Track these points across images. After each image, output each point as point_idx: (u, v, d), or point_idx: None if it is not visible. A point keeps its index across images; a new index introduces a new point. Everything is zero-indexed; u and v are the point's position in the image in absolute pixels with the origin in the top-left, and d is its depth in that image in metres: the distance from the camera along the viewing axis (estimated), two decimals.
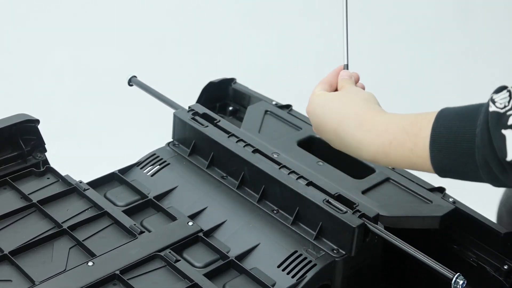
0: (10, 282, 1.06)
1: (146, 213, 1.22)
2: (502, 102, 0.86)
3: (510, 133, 0.84)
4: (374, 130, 0.99)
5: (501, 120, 0.85)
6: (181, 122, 1.35)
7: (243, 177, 1.26)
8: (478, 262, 1.22)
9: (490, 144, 0.85)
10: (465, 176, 0.91)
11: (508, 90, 0.86)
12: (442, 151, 0.91)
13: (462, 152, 0.89)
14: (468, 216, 1.24)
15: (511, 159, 0.84)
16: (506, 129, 0.84)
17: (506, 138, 0.84)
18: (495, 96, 0.87)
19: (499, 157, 0.85)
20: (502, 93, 0.86)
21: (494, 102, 0.86)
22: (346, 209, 1.15)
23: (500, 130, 0.84)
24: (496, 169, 0.86)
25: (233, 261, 1.13)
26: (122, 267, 1.08)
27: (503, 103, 0.85)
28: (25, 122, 1.34)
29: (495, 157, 0.85)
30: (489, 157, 0.86)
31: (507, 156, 0.84)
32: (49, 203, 1.22)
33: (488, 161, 0.86)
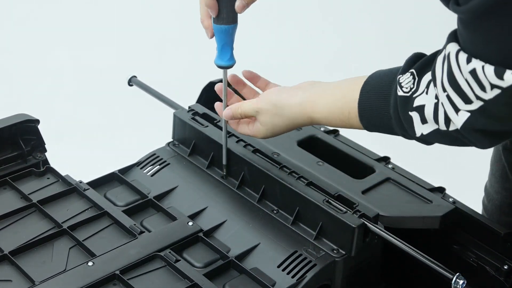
0: (10, 282, 1.06)
1: (146, 213, 1.22)
2: (407, 86, 0.97)
3: (416, 114, 0.96)
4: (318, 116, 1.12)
5: (408, 104, 0.96)
6: (181, 122, 1.35)
7: (243, 177, 1.26)
8: (478, 262, 1.22)
9: (402, 125, 0.99)
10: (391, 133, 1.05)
11: (411, 73, 0.97)
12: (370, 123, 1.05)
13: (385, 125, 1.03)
14: (468, 216, 1.24)
15: (419, 135, 0.97)
16: (412, 111, 0.96)
17: (413, 118, 0.97)
18: (401, 78, 0.98)
19: (410, 134, 0.99)
20: (406, 75, 0.98)
21: (401, 87, 0.98)
22: (346, 209, 1.15)
23: (408, 112, 0.97)
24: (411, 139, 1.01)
25: (233, 261, 1.12)
26: (122, 267, 1.08)
27: (408, 87, 0.97)
28: (25, 122, 1.34)
29: (407, 134, 1.00)
30: (402, 133, 1.01)
31: (416, 133, 0.98)
32: (49, 203, 1.22)
33: (404, 135, 1.01)
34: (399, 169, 1.33)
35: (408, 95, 0.96)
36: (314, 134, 1.41)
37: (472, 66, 0.85)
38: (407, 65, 0.99)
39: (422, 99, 0.95)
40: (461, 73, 0.87)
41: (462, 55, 0.86)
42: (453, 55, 0.88)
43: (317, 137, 1.41)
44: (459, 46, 0.88)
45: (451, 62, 0.88)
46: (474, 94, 0.87)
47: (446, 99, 0.90)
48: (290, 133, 1.41)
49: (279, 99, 1.15)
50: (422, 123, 0.96)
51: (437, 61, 0.92)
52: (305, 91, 1.14)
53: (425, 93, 0.95)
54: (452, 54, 0.88)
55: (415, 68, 0.97)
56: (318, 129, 1.43)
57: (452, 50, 0.88)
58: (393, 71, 1.02)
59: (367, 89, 1.05)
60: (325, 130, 1.42)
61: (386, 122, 1.02)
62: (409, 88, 0.97)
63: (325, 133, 1.41)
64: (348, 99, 1.07)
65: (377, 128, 1.05)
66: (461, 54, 0.86)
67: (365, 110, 1.04)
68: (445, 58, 0.90)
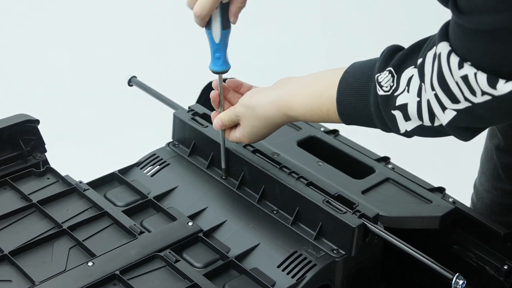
0: (10, 282, 1.06)
1: (146, 213, 1.22)
2: (387, 85, 0.97)
3: (399, 112, 0.96)
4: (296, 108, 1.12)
5: (390, 102, 0.96)
6: (181, 122, 1.35)
7: (243, 177, 1.26)
8: (478, 262, 1.22)
9: (384, 122, 1.00)
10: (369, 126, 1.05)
11: (389, 71, 0.97)
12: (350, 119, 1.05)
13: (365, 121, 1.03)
14: (468, 216, 1.24)
15: (403, 131, 0.98)
16: (395, 110, 0.96)
17: (396, 116, 0.97)
18: (380, 77, 0.98)
19: (393, 131, 1.00)
20: (384, 74, 0.97)
21: (381, 86, 0.97)
22: (346, 209, 1.15)
23: (390, 111, 0.97)
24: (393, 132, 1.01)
25: (233, 261, 1.12)
26: (122, 267, 1.08)
27: (388, 86, 0.96)
28: (25, 122, 1.34)
29: (391, 130, 1.00)
30: (385, 130, 1.01)
31: (400, 130, 0.98)
32: (49, 203, 1.22)
33: (385, 131, 1.02)
34: (399, 169, 1.33)
35: (389, 94, 0.96)
36: (314, 134, 1.41)
37: (464, 72, 0.84)
38: (384, 62, 0.99)
39: (404, 97, 0.95)
40: (452, 76, 0.86)
41: (453, 58, 0.85)
42: (444, 57, 0.87)
43: (317, 137, 1.41)
44: (450, 46, 0.86)
45: (442, 64, 0.87)
46: (463, 96, 0.86)
47: (434, 98, 0.90)
48: (290, 133, 1.41)
49: (252, 101, 1.16)
50: (405, 121, 0.96)
51: (427, 58, 0.91)
52: (279, 89, 1.14)
53: (406, 91, 0.95)
54: (443, 56, 0.87)
55: (393, 65, 0.97)
56: (318, 129, 1.43)
57: (443, 51, 0.87)
58: (369, 65, 1.02)
59: (343, 87, 1.04)
60: (325, 130, 1.42)
61: (366, 118, 1.02)
62: (389, 87, 0.97)
63: (325, 133, 1.41)
64: (326, 97, 1.07)
65: (357, 123, 1.05)
66: (453, 57, 0.85)
67: (344, 107, 1.04)
68: (435, 57, 0.89)
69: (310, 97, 1.09)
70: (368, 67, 1.02)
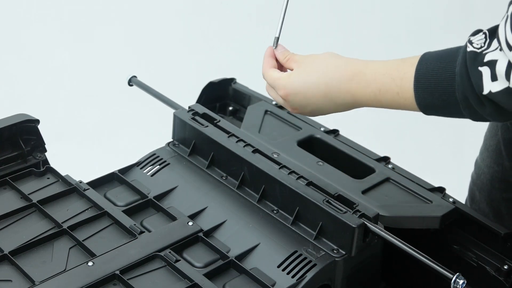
0: (10, 282, 1.06)
1: (146, 213, 1.22)
2: (478, 43, 0.94)
3: (486, 69, 0.92)
4: (364, 82, 1.06)
5: (478, 58, 0.93)
6: (181, 122, 1.35)
7: (243, 177, 1.26)
8: (478, 262, 1.22)
9: (469, 80, 0.94)
10: (447, 112, 1.00)
11: (484, 33, 0.94)
12: (425, 90, 0.99)
13: (443, 90, 0.97)
14: (468, 216, 1.24)
15: (487, 92, 0.92)
16: (482, 66, 0.92)
17: (482, 74, 0.92)
18: (472, 38, 0.95)
19: (476, 91, 0.93)
20: (478, 35, 0.94)
21: (471, 43, 0.94)
22: (346, 209, 1.15)
23: (477, 67, 0.93)
24: (474, 102, 0.95)
25: (233, 261, 1.12)
26: (122, 267, 1.08)
27: (479, 44, 0.93)
28: (25, 122, 1.34)
29: (473, 92, 0.94)
30: (467, 92, 0.95)
31: (484, 90, 0.93)
32: (49, 203, 1.22)
33: (467, 96, 0.95)
34: (399, 169, 1.33)
35: (479, 51, 0.93)
36: (314, 134, 1.41)
37: None
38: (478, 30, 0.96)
39: (495, 54, 0.92)
40: None
41: None
42: None
43: (317, 137, 1.41)
44: None
45: None
46: None
47: None
48: (290, 133, 1.41)
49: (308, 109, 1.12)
50: (492, 80, 0.92)
51: (499, 27, 0.91)
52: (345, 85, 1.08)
53: (498, 50, 0.92)
54: None
55: (488, 30, 0.95)
56: (318, 129, 1.43)
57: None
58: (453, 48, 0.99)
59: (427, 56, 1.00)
60: (325, 130, 1.42)
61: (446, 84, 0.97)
62: (479, 45, 0.93)
63: (325, 133, 1.42)
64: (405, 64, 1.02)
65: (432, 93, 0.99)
66: None
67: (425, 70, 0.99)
68: (507, 18, 0.89)
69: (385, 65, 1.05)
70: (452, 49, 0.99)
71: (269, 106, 1.49)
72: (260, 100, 1.52)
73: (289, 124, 1.44)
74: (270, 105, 1.49)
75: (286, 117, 1.45)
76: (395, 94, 1.03)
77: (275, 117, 1.46)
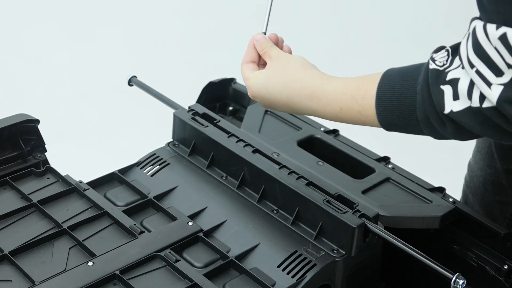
0: (10, 282, 1.06)
1: (146, 213, 1.22)
2: (441, 61, 0.93)
3: (448, 88, 0.91)
4: (324, 100, 1.07)
5: (440, 77, 0.92)
6: (181, 122, 1.35)
7: (243, 177, 1.26)
8: (478, 262, 1.22)
9: (430, 99, 0.93)
10: (409, 130, 1.00)
11: (446, 50, 0.94)
12: (387, 108, 0.99)
13: (405, 108, 0.97)
14: (468, 216, 1.24)
15: (449, 111, 0.91)
16: (444, 85, 0.92)
17: (444, 92, 0.92)
18: (435, 55, 0.94)
19: (437, 110, 0.93)
20: (441, 52, 0.94)
21: (434, 61, 0.94)
22: (346, 209, 1.15)
23: (439, 86, 0.92)
24: (436, 122, 0.94)
25: (233, 261, 1.12)
26: (122, 267, 1.08)
27: (442, 61, 0.93)
28: (25, 122, 1.34)
29: (434, 111, 0.93)
30: (428, 111, 0.94)
31: (445, 109, 0.92)
32: (49, 203, 1.22)
33: (428, 115, 0.94)
34: (399, 169, 1.33)
35: (441, 69, 0.93)
36: (314, 134, 1.41)
37: (502, 31, 0.84)
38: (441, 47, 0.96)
39: (457, 72, 0.91)
40: (489, 42, 0.86)
41: (490, 26, 0.85)
42: (480, 28, 0.87)
43: (317, 137, 1.41)
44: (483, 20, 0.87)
45: (478, 34, 0.87)
46: (504, 62, 0.85)
47: (476, 75, 0.88)
48: (290, 133, 1.41)
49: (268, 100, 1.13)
50: (453, 99, 0.91)
51: (461, 45, 0.91)
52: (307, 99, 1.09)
53: (460, 68, 0.91)
54: (478, 27, 0.87)
55: (450, 46, 0.95)
56: (318, 129, 1.43)
57: (478, 25, 0.87)
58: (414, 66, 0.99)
59: (389, 72, 1.01)
60: (325, 130, 1.42)
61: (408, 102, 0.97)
62: (442, 63, 0.93)
63: (325, 133, 1.42)
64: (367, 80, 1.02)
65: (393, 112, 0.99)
66: (489, 25, 0.85)
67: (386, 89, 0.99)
68: (469, 35, 0.89)
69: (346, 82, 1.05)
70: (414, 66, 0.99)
71: None
72: None
73: (289, 124, 1.44)
74: None
75: (286, 117, 1.45)
76: (356, 112, 1.03)
77: (275, 117, 1.46)
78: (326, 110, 1.07)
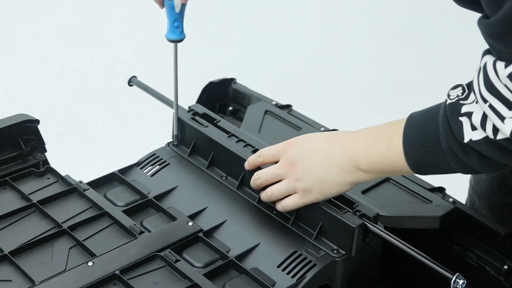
0: (10, 282, 1.06)
1: (146, 213, 1.22)
2: (455, 95, 0.99)
3: (465, 119, 0.97)
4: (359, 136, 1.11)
5: (457, 108, 0.98)
6: (181, 122, 1.35)
7: (243, 177, 1.26)
8: (478, 262, 1.22)
9: (450, 129, 0.99)
10: (436, 165, 1.03)
11: (462, 87, 0.99)
12: (413, 145, 1.04)
13: (429, 143, 1.02)
14: (468, 216, 1.24)
15: (468, 140, 0.97)
16: (462, 117, 0.97)
17: (463, 123, 0.97)
18: (451, 92, 1.00)
19: (458, 140, 0.98)
20: (457, 89, 1.00)
21: (449, 96, 1.00)
22: (346, 209, 1.15)
23: (458, 118, 0.97)
24: (458, 151, 0.99)
25: (233, 261, 1.13)
26: (122, 267, 1.08)
27: (456, 95, 0.99)
28: (25, 122, 1.34)
29: (456, 141, 0.98)
30: (451, 141, 0.99)
31: (464, 139, 0.97)
32: (49, 203, 1.22)
33: (451, 145, 0.99)
34: None
35: (455, 101, 0.98)
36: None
37: (510, 70, 0.87)
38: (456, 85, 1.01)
39: (471, 106, 0.96)
40: (499, 79, 0.89)
41: (499, 63, 0.89)
42: (490, 64, 0.90)
43: None
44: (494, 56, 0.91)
45: (488, 71, 0.91)
46: None
47: (489, 109, 0.92)
48: (290, 133, 1.41)
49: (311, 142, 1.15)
50: (471, 129, 0.96)
51: (474, 80, 0.95)
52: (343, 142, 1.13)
53: (474, 102, 0.96)
54: (489, 64, 0.91)
55: (466, 84, 0.99)
56: (318, 129, 1.43)
57: (489, 61, 0.91)
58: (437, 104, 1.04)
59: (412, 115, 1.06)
60: (325, 130, 1.42)
61: (432, 137, 1.01)
62: (456, 96, 0.98)
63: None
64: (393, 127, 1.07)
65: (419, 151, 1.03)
66: (499, 63, 0.89)
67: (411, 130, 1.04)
68: (480, 70, 0.93)
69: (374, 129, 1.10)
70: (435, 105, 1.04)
71: (269, 106, 1.49)
72: (260, 100, 1.52)
73: (289, 124, 1.44)
74: (270, 105, 1.50)
75: (286, 117, 1.45)
76: (385, 147, 1.07)
77: (275, 117, 1.46)
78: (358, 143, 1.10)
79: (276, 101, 1.51)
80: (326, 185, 1.12)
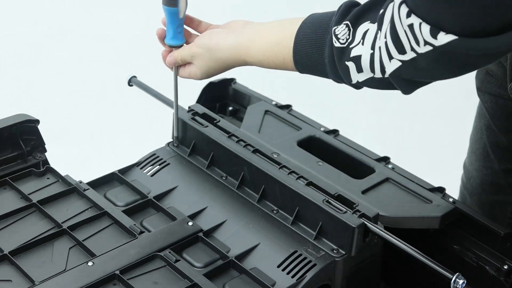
0: (10, 282, 1.06)
1: (146, 213, 1.22)
2: (343, 38, 1.01)
3: (352, 64, 1.01)
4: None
5: (344, 54, 1.01)
6: (181, 122, 1.35)
7: (243, 177, 1.26)
8: (478, 262, 1.22)
9: (337, 72, 1.04)
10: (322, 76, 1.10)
11: (346, 24, 1.01)
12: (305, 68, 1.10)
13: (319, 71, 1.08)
14: (468, 216, 1.24)
15: (355, 82, 1.03)
16: (348, 61, 1.01)
17: (349, 68, 1.02)
18: (337, 30, 1.02)
19: (345, 82, 1.05)
20: (341, 27, 1.02)
21: (337, 38, 1.02)
22: (346, 209, 1.15)
23: (344, 62, 1.02)
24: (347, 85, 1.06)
25: (233, 261, 1.13)
26: (122, 267, 1.08)
27: (344, 38, 1.01)
28: (25, 122, 1.34)
29: (343, 81, 1.05)
30: (338, 79, 1.06)
31: (352, 81, 1.03)
32: (49, 203, 1.22)
33: (337, 81, 1.07)
34: (399, 169, 1.33)
35: (345, 46, 1.01)
36: (314, 134, 1.41)
37: (411, 21, 0.89)
38: (341, 16, 1.03)
39: (359, 49, 0.99)
40: (401, 24, 0.91)
41: (403, 8, 0.90)
42: (396, 7, 0.92)
43: (317, 137, 1.41)
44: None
45: (394, 13, 0.93)
46: (409, 45, 0.91)
47: (384, 46, 0.95)
48: (290, 133, 1.41)
49: (210, 43, 1.19)
50: (358, 72, 1.01)
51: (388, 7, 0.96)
52: (238, 34, 1.17)
53: (361, 44, 0.99)
54: (395, 5, 0.93)
55: (349, 19, 1.01)
56: (318, 129, 1.43)
57: (396, 2, 0.92)
58: (326, 18, 1.06)
59: (300, 37, 1.09)
60: (325, 130, 1.42)
61: (320, 68, 1.07)
62: (345, 40, 1.01)
63: (325, 133, 1.42)
64: (282, 46, 1.11)
65: (311, 72, 1.10)
66: (403, 7, 0.91)
67: (300, 57, 1.09)
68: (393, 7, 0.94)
69: (268, 45, 1.13)
70: (325, 19, 1.06)
71: (269, 106, 1.49)
72: (260, 100, 1.52)
73: (289, 124, 1.44)
74: (270, 105, 1.50)
75: (286, 117, 1.46)
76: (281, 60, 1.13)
77: (275, 117, 1.46)
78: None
79: (276, 101, 1.51)
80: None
